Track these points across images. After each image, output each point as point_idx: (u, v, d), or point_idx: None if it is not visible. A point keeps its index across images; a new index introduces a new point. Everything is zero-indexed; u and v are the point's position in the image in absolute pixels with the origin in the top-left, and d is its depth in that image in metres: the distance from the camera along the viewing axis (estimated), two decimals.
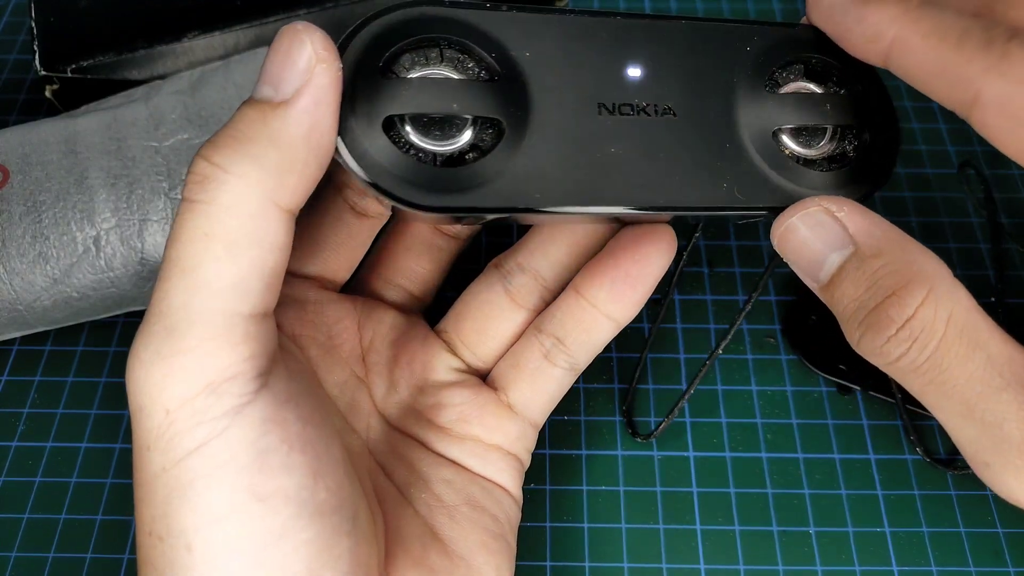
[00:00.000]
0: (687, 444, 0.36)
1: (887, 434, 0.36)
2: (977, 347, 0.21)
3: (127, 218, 0.35)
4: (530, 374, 0.30)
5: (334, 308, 0.30)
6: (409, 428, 0.30)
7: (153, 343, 0.21)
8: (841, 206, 0.23)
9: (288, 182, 0.21)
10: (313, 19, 0.37)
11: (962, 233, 0.41)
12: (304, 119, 0.21)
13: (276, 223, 0.21)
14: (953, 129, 0.44)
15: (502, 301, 0.31)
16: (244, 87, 0.37)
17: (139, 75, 0.38)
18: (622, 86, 0.25)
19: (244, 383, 0.21)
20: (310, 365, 0.28)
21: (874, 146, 0.26)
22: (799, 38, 0.27)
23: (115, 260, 0.35)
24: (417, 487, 0.28)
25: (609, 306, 0.29)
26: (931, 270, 0.22)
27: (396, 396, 0.30)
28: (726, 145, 0.25)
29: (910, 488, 0.34)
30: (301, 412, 0.22)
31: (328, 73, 0.21)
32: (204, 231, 0.20)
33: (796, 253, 0.24)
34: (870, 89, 0.27)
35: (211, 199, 0.20)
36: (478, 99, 0.23)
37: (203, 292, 0.20)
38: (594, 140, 0.24)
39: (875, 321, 0.22)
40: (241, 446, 0.21)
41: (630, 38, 0.25)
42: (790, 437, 0.36)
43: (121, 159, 0.35)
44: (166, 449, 0.21)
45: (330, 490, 0.22)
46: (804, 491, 0.34)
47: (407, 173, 0.23)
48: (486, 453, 0.29)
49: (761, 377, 0.37)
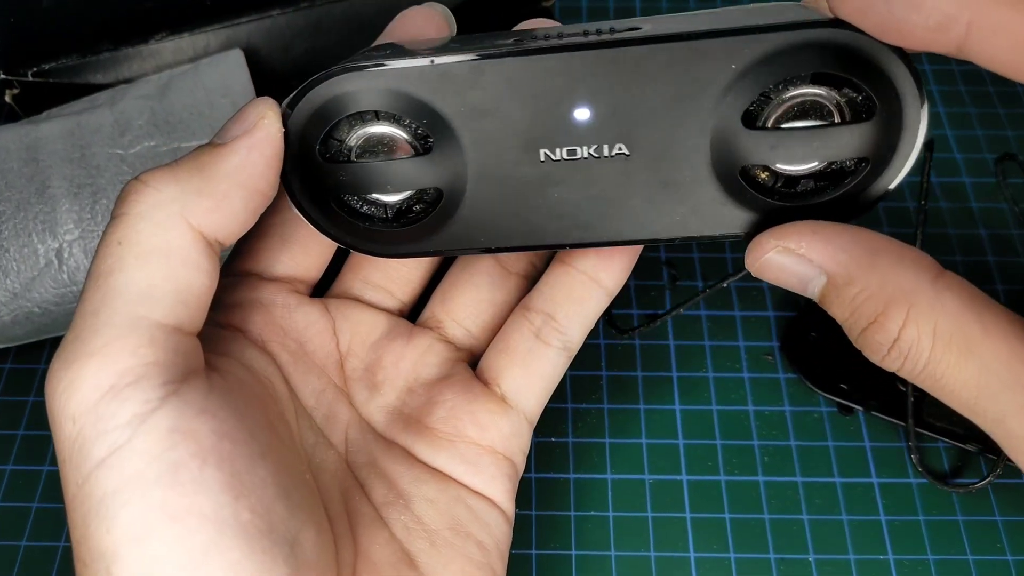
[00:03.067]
0: (680, 467, 0.35)
1: (891, 457, 0.35)
2: (969, 354, 0.21)
3: (91, 229, 0.35)
4: (522, 357, 0.29)
5: (304, 312, 0.29)
6: (395, 434, 0.29)
7: (63, 351, 0.21)
8: (799, 240, 0.23)
9: (203, 204, 0.22)
10: (287, 20, 0.36)
11: (1001, 245, 0.40)
12: (233, 157, 0.23)
13: (188, 239, 0.22)
14: (989, 136, 0.44)
15: (491, 268, 0.31)
16: (214, 91, 0.36)
17: (104, 79, 0.38)
18: (567, 129, 0.24)
19: (148, 388, 0.21)
20: (281, 377, 0.27)
21: (882, 166, 0.23)
22: (810, 43, 0.22)
23: (79, 273, 0.35)
24: (396, 507, 0.27)
25: (599, 272, 0.29)
26: (907, 286, 0.21)
27: (381, 400, 0.29)
28: (685, 181, 0.24)
29: (915, 513, 0.34)
30: (217, 426, 0.22)
31: (267, 128, 0.23)
32: (118, 240, 0.22)
33: (778, 282, 0.24)
34: (902, 99, 0.23)
35: (127, 210, 0.22)
36: (411, 175, 0.25)
37: (113, 297, 0.21)
38: (535, 187, 0.24)
39: (865, 344, 0.22)
40: (148, 458, 0.21)
41: (577, 75, 0.23)
42: (788, 460, 0.35)
43: (85, 167, 0.35)
44: (78, 462, 0.21)
45: (255, 512, 0.22)
46: (803, 516, 0.34)
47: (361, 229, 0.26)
48: (478, 457, 0.29)
49: (758, 396, 0.37)
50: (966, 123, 0.44)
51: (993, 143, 0.43)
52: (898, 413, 0.35)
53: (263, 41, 0.37)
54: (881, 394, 0.35)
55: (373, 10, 0.35)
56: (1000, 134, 0.44)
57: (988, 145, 0.43)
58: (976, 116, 0.44)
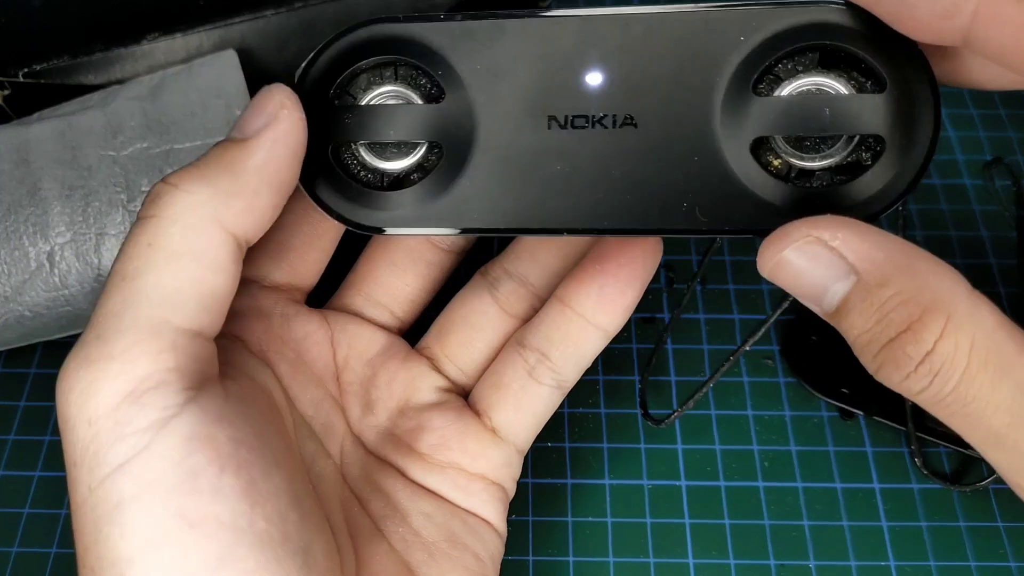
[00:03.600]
0: (679, 472, 0.35)
1: (892, 462, 0.35)
2: (1004, 374, 0.19)
3: (83, 232, 0.34)
4: (514, 394, 0.29)
5: (302, 321, 0.29)
6: (387, 454, 0.29)
7: (81, 352, 0.21)
8: (835, 232, 0.21)
9: (235, 205, 0.22)
10: (280, 20, 0.36)
11: (1005, 248, 0.40)
12: (259, 152, 0.23)
13: (219, 243, 0.22)
14: (993, 137, 0.43)
15: (489, 309, 0.30)
16: (207, 92, 0.35)
17: (96, 80, 0.37)
18: (577, 96, 0.23)
19: (168, 394, 0.21)
20: (279, 386, 0.27)
21: (899, 155, 0.22)
22: (821, 22, 0.22)
23: (70, 276, 0.34)
24: (394, 520, 0.27)
25: (597, 315, 0.28)
26: (947, 293, 0.20)
27: (373, 419, 0.29)
28: (694, 158, 0.23)
29: (917, 519, 0.33)
30: (234, 433, 0.22)
31: (289, 118, 0.23)
32: (148, 242, 0.22)
33: (793, 286, 0.22)
34: (911, 79, 0.22)
35: (158, 212, 0.22)
36: (416, 124, 0.24)
37: (138, 300, 0.21)
38: (539, 158, 0.24)
39: (891, 358, 0.20)
40: (167, 464, 0.20)
41: (594, 39, 0.23)
42: (789, 465, 0.35)
43: (76, 169, 0.34)
44: (92, 466, 0.21)
45: (270, 520, 0.22)
46: (803, 522, 0.33)
47: (354, 195, 0.25)
48: (468, 483, 0.28)
49: (758, 401, 0.36)
50: (968, 124, 0.44)
51: (994, 144, 0.43)
52: (899, 417, 0.35)
53: (257, 41, 0.36)
54: (882, 398, 0.35)
55: (367, 10, 0.35)
56: (1003, 137, 0.43)
57: (991, 146, 0.43)
58: (979, 117, 0.44)
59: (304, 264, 0.29)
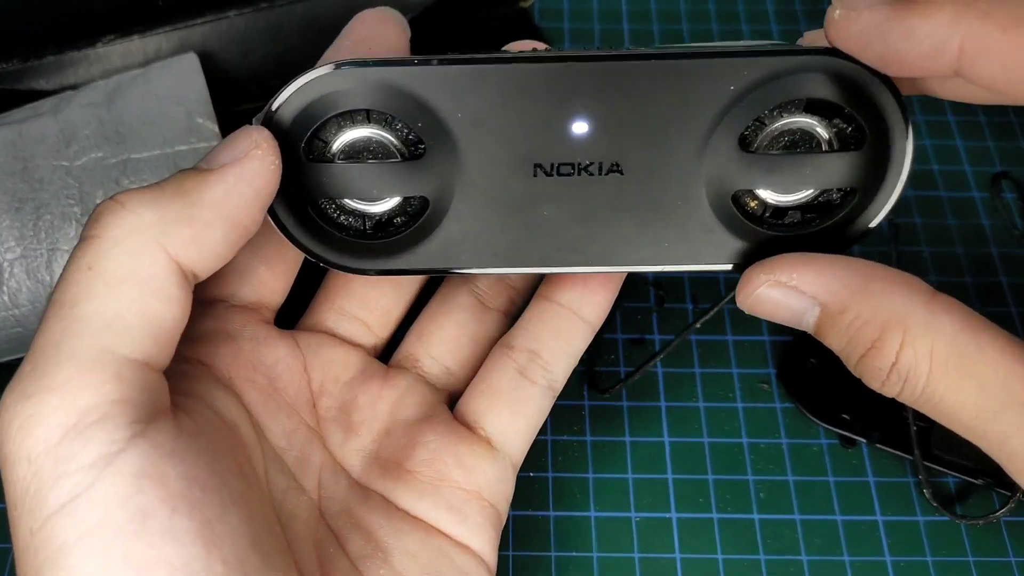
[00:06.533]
0: (669, 504, 0.34)
1: (896, 492, 0.34)
2: (965, 374, 0.22)
3: (34, 247, 0.33)
4: (507, 396, 0.29)
5: (272, 346, 0.28)
6: (373, 481, 0.28)
7: (19, 385, 0.20)
8: (790, 273, 0.24)
9: (182, 233, 0.22)
10: (245, 21, 0.35)
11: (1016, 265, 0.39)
12: (219, 186, 0.22)
13: (164, 269, 0.21)
14: (1003, 147, 0.42)
15: (469, 303, 0.31)
16: (167, 99, 0.34)
17: (47, 85, 0.37)
18: (563, 143, 0.24)
19: (113, 428, 0.20)
20: (247, 417, 0.26)
21: (870, 199, 0.25)
22: (809, 74, 0.23)
23: (20, 295, 0.33)
24: (375, 560, 0.26)
25: (583, 307, 0.29)
26: (900, 309, 0.22)
27: (358, 442, 0.28)
28: (678, 203, 0.25)
29: (923, 554, 0.33)
30: (187, 470, 0.21)
31: (261, 160, 0.22)
32: (88, 264, 0.21)
33: (772, 317, 0.24)
34: (891, 133, 0.24)
35: (101, 233, 0.21)
36: (399, 180, 0.24)
37: (78, 328, 0.21)
38: (525, 203, 0.25)
39: (865, 370, 0.23)
40: (113, 504, 0.20)
41: (579, 86, 0.24)
42: (786, 496, 0.34)
43: (27, 181, 0.33)
44: (32, 507, 0.20)
45: (228, 564, 0.21)
46: (802, 557, 0.33)
47: (337, 242, 0.25)
48: (463, 504, 0.28)
49: (753, 428, 0.35)
50: (977, 133, 0.43)
51: (1004, 155, 0.42)
52: (904, 445, 0.34)
53: (219, 44, 0.36)
54: (885, 425, 0.34)
55: (335, 11, 0.34)
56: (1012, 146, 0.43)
57: (1000, 156, 0.42)
58: (987, 123, 0.43)
59: (273, 280, 0.28)
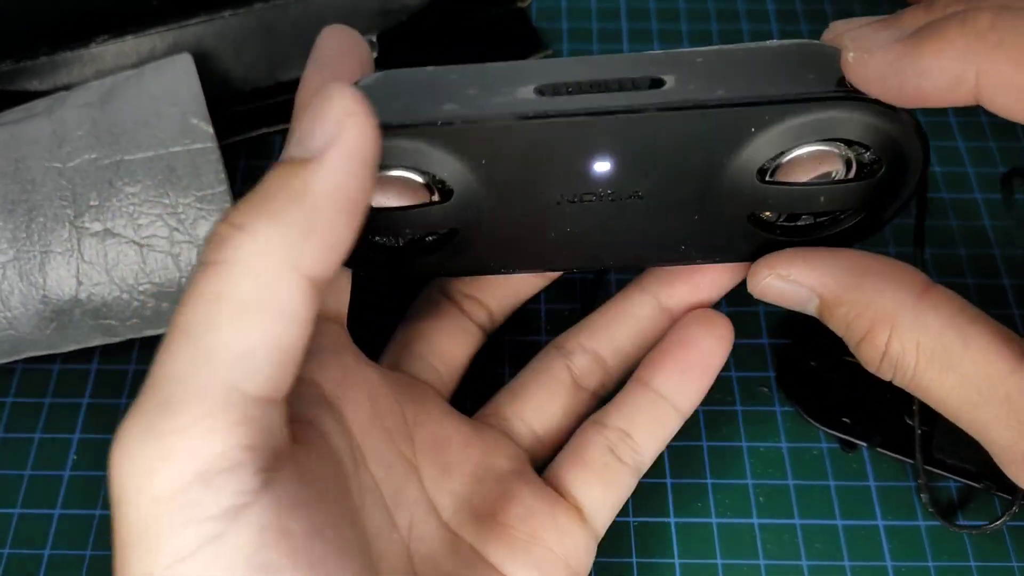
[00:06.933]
0: (668, 509, 0.33)
1: (898, 497, 0.33)
2: (949, 369, 0.24)
3: (26, 249, 0.33)
4: (599, 472, 0.29)
5: (368, 363, 0.27)
6: (463, 527, 0.27)
7: (143, 420, 0.19)
8: (788, 267, 0.26)
9: (311, 245, 0.20)
10: (239, 21, 0.35)
11: (1019, 267, 0.39)
12: (331, 176, 0.20)
13: (295, 291, 0.20)
14: (1005, 147, 0.42)
15: (565, 378, 0.31)
16: (161, 99, 0.34)
17: (41, 85, 0.37)
18: (585, 180, 0.25)
19: (242, 478, 0.19)
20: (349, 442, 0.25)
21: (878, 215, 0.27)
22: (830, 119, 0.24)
23: (12, 298, 0.33)
24: None
25: (678, 397, 0.30)
26: (889, 307, 0.24)
27: (450, 483, 0.27)
28: (695, 217, 0.26)
29: (924, 559, 0.32)
30: (311, 523, 0.20)
31: (358, 126, 0.20)
32: (215, 292, 0.19)
33: (780, 303, 0.27)
34: (907, 166, 0.25)
35: (225, 259, 0.19)
36: (429, 220, 0.26)
37: (207, 361, 0.19)
38: (548, 224, 0.26)
39: (861, 355, 0.25)
40: (239, 558, 0.19)
41: (605, 134, 0.24)
42: (786, 500, 0.34)
43: (19, 182, 0.33)
44: (152, 550, 0.19)
45: None
46: (802, 562, 0.32)
47: (376, 256, 0.27)
48: (552, 569, 0.27)
49: (753, 431, 0.35)
50: (979, 134, 0.43)
51: (1006, 155, 0.42)
52: (906, 449, 0.33)
53: (214, 44, 0.35)
54: (887, 428, 0.33)
55: (330, 10, 0.34)
56: (1017, 147, 0.42)
57: (1002, 156, 0.42)
58: (989, 123, 0.43)
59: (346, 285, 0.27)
